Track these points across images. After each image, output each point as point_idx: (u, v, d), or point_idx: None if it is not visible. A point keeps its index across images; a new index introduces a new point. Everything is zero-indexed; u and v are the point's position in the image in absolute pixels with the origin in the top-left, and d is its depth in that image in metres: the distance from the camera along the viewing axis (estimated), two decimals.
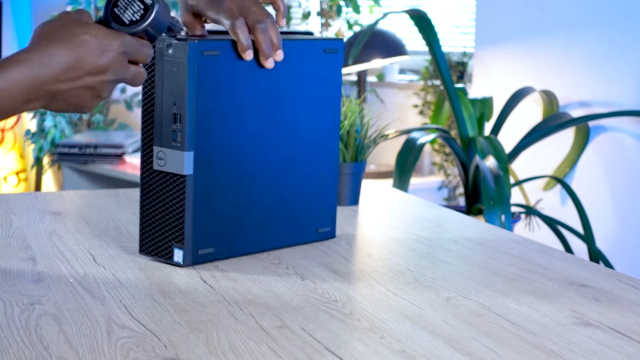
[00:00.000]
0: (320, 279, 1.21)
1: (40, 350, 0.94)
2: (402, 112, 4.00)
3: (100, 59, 0.97)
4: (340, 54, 1.38)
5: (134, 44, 1.00)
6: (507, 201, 2.57)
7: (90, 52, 0.96)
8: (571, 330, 1.02)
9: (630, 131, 3.07)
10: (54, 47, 0.95)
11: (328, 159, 1.39)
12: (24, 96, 0.94)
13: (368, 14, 4.23)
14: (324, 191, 1.40)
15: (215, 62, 1.24)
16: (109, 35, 0.98)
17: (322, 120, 1.38)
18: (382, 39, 3.59)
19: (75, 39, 0.96)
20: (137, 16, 1.01)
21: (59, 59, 0.95)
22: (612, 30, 3.08)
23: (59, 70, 0.95)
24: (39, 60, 0.94)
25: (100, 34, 0.98)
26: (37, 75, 0.94)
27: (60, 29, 0.97)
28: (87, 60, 0.96)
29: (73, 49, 0.96)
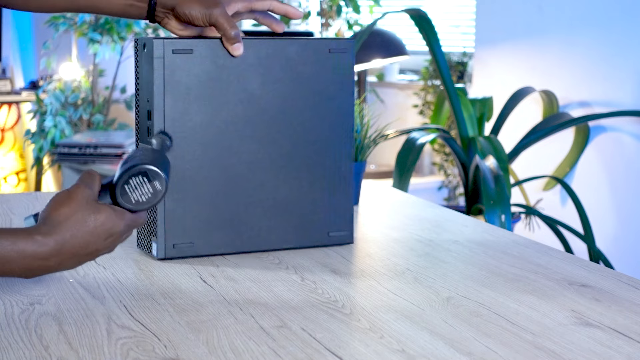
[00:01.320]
0: (320, 279, 1.21)
1: (40, 350, 0.94)
2: (402, 112, 4.00)
3: (104, 243, 1.04)
4: (350, 54, 1.35)
5: (134, 222, 1.06)
6: (507, 201, 2.57)
7: (98, 239, 1.03)
8: (571, 330, 1.02)
9: (630, 131, 3.06)
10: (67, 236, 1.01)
11: (339, 161, 1.36)
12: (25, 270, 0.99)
13: (368, 13, 4.23)
14: (336, 194, 1.36)
15: (188, 60, 1.26)
16: (115, 221, 1.04)
17: (330, 121, 1.34)
18: (382, 39, 3.59)
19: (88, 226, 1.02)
20: (143, 198, 1.06)
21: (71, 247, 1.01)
22: (612, 30, 3.08)
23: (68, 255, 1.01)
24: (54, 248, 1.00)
25: (109, 220, 1.04)
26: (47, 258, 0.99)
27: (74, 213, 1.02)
28: (94, 246, 1.03)
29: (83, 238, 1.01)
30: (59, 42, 4.40)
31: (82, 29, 4.30)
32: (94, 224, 1.02)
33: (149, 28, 4.37)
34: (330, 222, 1.37)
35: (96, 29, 4.24)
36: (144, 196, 1.06)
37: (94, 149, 3.95)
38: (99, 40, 4.24)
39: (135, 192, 1.06)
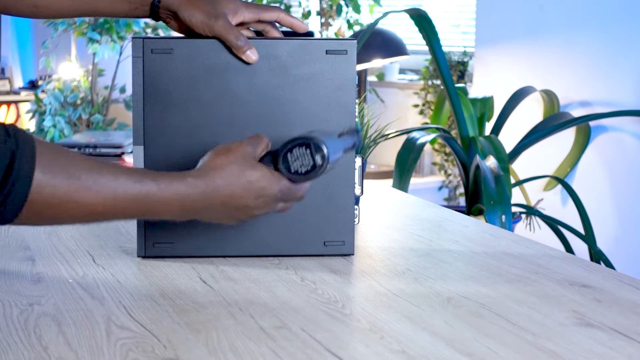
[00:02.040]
0: (320, 279, 1.21)
1: (39, 350, 0.94)
2: (402, 112, 4.00)
3: (253, 201, 1.06)
4: (351, 56, 1.28)
5: (289, 191, 1.08)
6: (508, 201, 2.57)
7: (247, 195, 1.06)
8: (572, 330, 1.02)
9: (631, 131, 3.06)
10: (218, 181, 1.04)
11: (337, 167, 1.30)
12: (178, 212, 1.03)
13: (368, 13, 4.23)
14: (333, 201, 1.30)
15: (168, 60, 1.25)
16: (271, 183, 1.07)
17: (328, 125, 1.28)
18: (383, 39, 3.59)
19: (239, 179, 1.05)
20: (303, 169, 1.07)
21: (219, 193, 1.04)
22: (613, 29, 3.08)
23: (215, 201, 1.04)
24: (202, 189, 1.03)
25: (264, 181, 1.06)
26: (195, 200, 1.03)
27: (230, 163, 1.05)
28: (242, 200, 1.06)
29: (233, 189, 1.04)
30: (58, 41, 4.40)
31: (82, 29, 4.30)
32: (247, 179, 1.05)
33: (149, 28, 4.37)
34: (327, 231, 1.31)
35: (95, 28, 4.24)
36: (303, 167, 1.07)
37: (93, 149, 3.95)
38: (98, 40, 4.24)
39: (296, 162, 1.07)
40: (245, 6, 1.27)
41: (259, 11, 1.29)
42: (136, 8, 1.29)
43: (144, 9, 1.29)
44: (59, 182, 0.94)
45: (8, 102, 5.01)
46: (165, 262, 1.28)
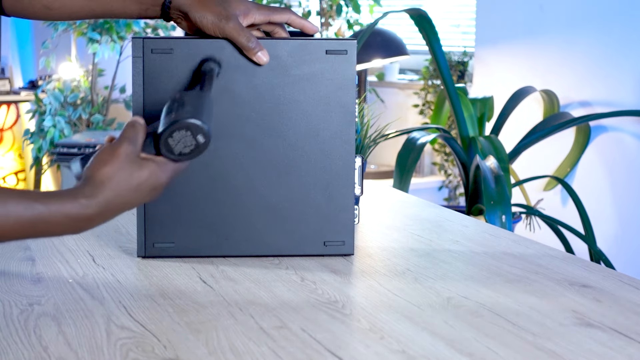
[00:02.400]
0: (320, 279, 1.21)
1: (39, 350, 0.94)
2: (402, 111, 4.00)
3: (148, 196, 1.07)
4: (351, 56, 1.27)
5: (176, 172, 1.09)
6: (508, 201, 2.56)
7: (142, 193, 1.06)
8: (572, 330, 1.02)
9: (631, 131, 3.06)
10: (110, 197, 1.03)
11: (337, 167, 1.29)
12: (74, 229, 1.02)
13: (368, 13, 4.23)
14: (333, 201, 1.30)
15: (168, 60, 1.25)
16: (159, 174, 1.07)
17: (328, 126, 1.28)
18: (382, 39, 3.59)
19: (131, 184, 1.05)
20: (187, 150, 1.08)
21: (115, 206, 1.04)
22: (613, 29, 3.08)
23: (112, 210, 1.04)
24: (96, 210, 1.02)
25: (153, 175, 1.07)
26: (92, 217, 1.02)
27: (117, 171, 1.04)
28: (138, 199, 1.06)
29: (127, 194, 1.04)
30: (58, 41, 4.40)
31: (81, 29, 4.29)
32: (137, 181, 1.05)
33: (149, 28, 4.37)
34: (327, 231, 1.30)
35: (95, 28, 4.24)
36: (187, 148, 1.08)
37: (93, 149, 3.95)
38: (98, 40, 4.24)
39: (178, 145, 1.08)
40: (257, 8, 1.27)
41: (270, 13, 1.28)
42: (147, 9, 1.29)
43: (155, 10, 1.29)
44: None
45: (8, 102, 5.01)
46: (165, 262, 1.28)
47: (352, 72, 1.28)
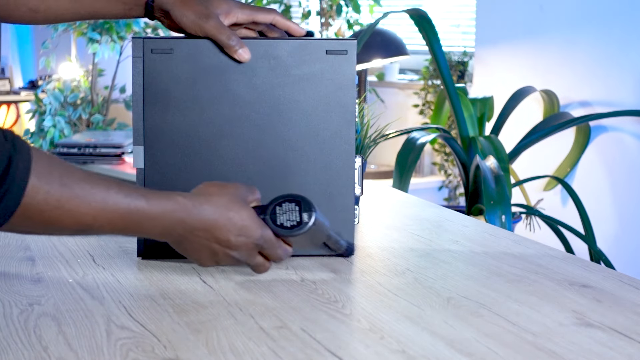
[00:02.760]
0: (320, 279, 1.21)
1: (39, 351, 0.94)
2: (402, 111, 4.00)
3: (235, 238, 1.07)
4: (351, 56, 1.27)
5: (270, 242, 1.10)
6: (508, 201, 2.56)
7: (230, 228, 1.07)
8: (572, 331, 1.02)
9: (631, 131, 3.06)
10: (206, 206, 1.06)
11: (337, 167, 1.29)
12: (163, 229, 1.05)
13: (368, 13, 4.23)
14: (333, 201, 1.29)
15: (168, 60, 1.26)
16: (255, 225, 1.08)
17: (328, 127, 1.28)
18: (383, 39, 3.59)
19: (228, 212, 1.07)
20: (288, 224, 1.09)
21: (204, 217, 1.05)
22: (613, 29, 3.08)
23: (198, 226, 1.06)
24: (189, 209, 1.05)
25: (249, 220, 1.08)
26: (180, 219, 1.05)
27: (221, 195, 1.08)
28: (224, 232, 1.07)
29: (218, 217, 1.07)
30: (58, 41, 4.40)
31: (81, 29, 4.29)
32: (233, 213, 1.07)
33: (149, 28, 4.37)
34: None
35: (95, 28, 4.24)
36: (289, 222, 1.09)
37: (93, 149, 3.95)
38: (98, 40, 4.24)
39: (283, 215, 1.09)
40: (240, 7, 1.27)
41: (253, 12, 1.28)
42: (131, 8, 1.30)
43: (138, 9, 1.30)
44: (52, 189, 0.94)
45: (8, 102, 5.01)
46: (165, 262, 1.28)
47: (352, 72, 1.28)
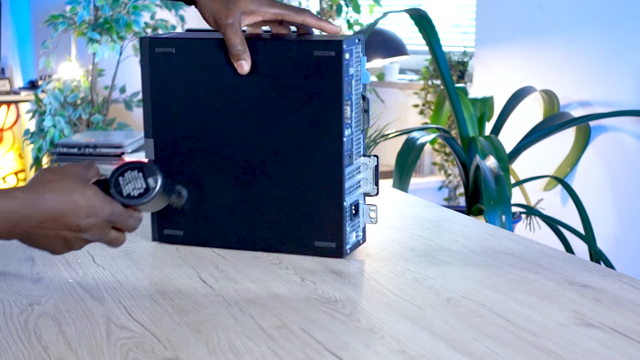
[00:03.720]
0: (320, 279, 1.21)
1: (39, 350, 0.94)
2: (402, 111, 4.00)
3: (84, 220, 1.04)
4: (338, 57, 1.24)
5: (121, 215, 1.07)
6: (508, 201, 2.56)
7: (77, 212, 1.03)
8: (572, 330, 1.02)
9: (631, 131, 3.06)
10: (48, 196, 1.02)
11: (327, 168, 1.28)
12: (9, 228, 1.01)
13: (368, 13, 4.23)
14: (322, 201, 1.29)
15: (169, 58, 1.30)
16: (101, 202, 1.05)
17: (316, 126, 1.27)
18: (382, 39, 3.59)
19: (69, 196, 1.03)
20: (135, 193, 1.07)
21: (48, 207, 1.02)
22: (613, 29, 3.08)
23: (44, 217, 1.02)
24: (30, 203, 1.01)
25: (94, 198, 1.04)
26: (24, 215, 1.01)
27: (60, 180, 1.04)
28: (72, 218, 1.03)
29: (63, 204, 1.02)
30: (58, 41, 4.40)
31: (81, 29, 4.29)
32: (78, 196, 1.03)
33: (149, 28, 4.37)
34: (316, 231, 1.30)
35: (95, 28, 4.24)
36: (136, 190, 1.06)
37: (93, 149, 3.95)
38: (98, 40, 4.24)
39: (128, 186, 1.06)
40: (270, 5, 1.26)
41: (283, 12, 1.27)
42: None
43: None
44: None
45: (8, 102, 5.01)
46: (166, 262, 1.28)
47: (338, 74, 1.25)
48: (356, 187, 1.33)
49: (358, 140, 1.32)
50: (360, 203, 1.34)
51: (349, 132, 1.29)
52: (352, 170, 1.31)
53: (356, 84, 1.29)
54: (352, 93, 1.28)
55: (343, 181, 1.29)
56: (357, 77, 1.30)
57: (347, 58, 1.26)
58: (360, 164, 1.34)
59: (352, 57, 1.28)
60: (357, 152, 1.33)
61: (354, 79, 1.29)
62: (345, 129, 1.27)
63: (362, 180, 1.35)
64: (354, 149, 1.32)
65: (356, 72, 1.29)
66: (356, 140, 1.32)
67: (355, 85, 1.29)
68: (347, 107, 1.27)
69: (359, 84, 1.30)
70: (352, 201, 1.31)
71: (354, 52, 1.28)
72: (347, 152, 1.29)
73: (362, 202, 1.35)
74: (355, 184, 1.33)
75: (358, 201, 1.33)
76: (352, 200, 1.31)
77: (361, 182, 1.35)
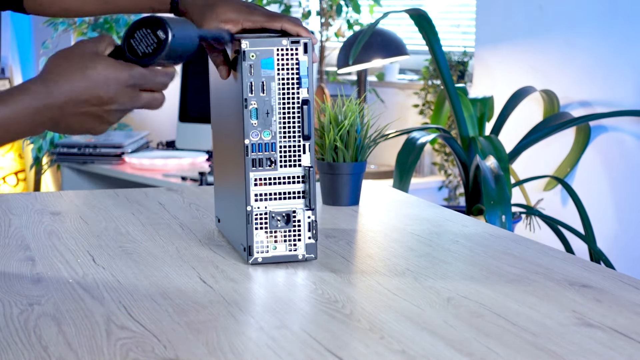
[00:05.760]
0: (320, 279, 1.21)
1: (39, 350, 0.94)
2: (402, 112, 3.99)
3: (104, 91, 1.02)
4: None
5: (144, 76, 1.04)
6: (508, 201, 2.56)
7: (94, 85, 1.02)
8: (572, 330, 1.02)
9: (631, 131, 3.06)
10: (61, 77, 1.01)
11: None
12: (30, 123, 1.01)
13: (368, 13, 4.23)
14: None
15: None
16: (117, 68, 1.03)
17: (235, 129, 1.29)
18: (382, 39, 3.58)
19: (82, 72, 1.01)
20: (149, 49, 1.04)
21: (64, 89, 1.01)
22: (613, 29, 3.08)
23: (62, 100, 1.01)
24: (45, 90, 1.01)
25: (108, 67, 1.02)
26: (42, 104, 1.00)
27: (70, 59, 1.02)
28: (90, 92, 1.01)
29: (78, 81, 1.01)
30: (58, 41, 4.40)
31: (81, 29, 4.29)
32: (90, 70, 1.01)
33: None
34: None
35: (95, 28, 4.24)
36: (149, 47, 1.04)
37: (93, 149, 3.95)
38: None
39: (140, 45, 1.04)
40: (250, 14, 1.26)
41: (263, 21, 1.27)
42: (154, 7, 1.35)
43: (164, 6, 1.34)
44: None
45: None
46: (165, 262, 1.28)
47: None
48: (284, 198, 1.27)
49: (292, 147, 1.26)
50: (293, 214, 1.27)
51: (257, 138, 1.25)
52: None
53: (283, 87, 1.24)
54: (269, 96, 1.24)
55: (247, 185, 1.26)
56: (287, 81, 1.25)
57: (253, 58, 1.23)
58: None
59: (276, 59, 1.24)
60: (287, 159, 1.26)
61: (276, 82, 1.24)
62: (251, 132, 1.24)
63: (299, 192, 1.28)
64: (282, 156, 1.26)
65: (284, 75, 1.25)
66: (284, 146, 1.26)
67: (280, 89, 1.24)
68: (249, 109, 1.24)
69: (294, 88, 1.25)
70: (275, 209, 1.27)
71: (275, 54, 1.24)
72: (253, 155, 1.24)
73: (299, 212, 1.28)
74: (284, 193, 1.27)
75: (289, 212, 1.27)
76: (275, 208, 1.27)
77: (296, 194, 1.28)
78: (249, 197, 1.25)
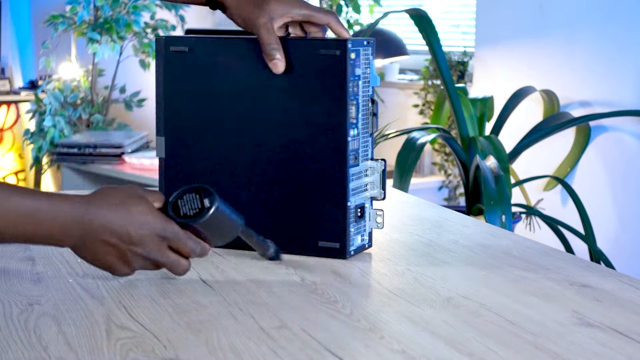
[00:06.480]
0: (320, 279, 1.21)
1: (39, 350, 0.94)
2: (402, 112, 4.00)
3: (136, 231, 1.06)
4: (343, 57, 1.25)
5: (177, 234, 1.09)
6: (508, 201, 2.56)
7: (130, 222, 1.06)
8: (572, 330, 1.02)
9: (631, 131, 3.06)
10: (104, 204, 1.06)
11: (331, 167, 1.28)
12: (60, 228, 1.05)
13: (368, 13, 4.23)
14: (325, 202, 1.28)
15: (184, 57, 1.32)
16: (156, 217, 1.08)
17: (319, 127, 1.28)
18: (383, 39, 3.59)
19: (125, 207, 1.06)
20: (191, 212, 1.09)
21: (102, 213, 1.06)
22: (613, 29, 3.08)
23: (98, 223, 1.06)
24: (86, 207, 1.06)
25: (149, 213, 1.07)
26: (79, 217, 1.05)
27: (119, 191, 1.08)
28: (124, 227, 1.06)
29: (117, 212, 1.06)
30: (58, 41, 4.40)
31: (81, 29, 4.30)
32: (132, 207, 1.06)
33: (149, 28, 4.37)
34: (319, 232, 1.30)
35: (95, 28, 4.24)
36: (191, 211, 1.08)
37: (93, 149, 3.95)
38: (98, 40, 4.24)
39: (185, 206, 1.09)
40: (299, 6, 1.27)
41: (311, 13, 1.28)
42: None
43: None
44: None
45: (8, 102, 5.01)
46: None
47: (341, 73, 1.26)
48: (362, 190, 1.32)
49: (366, 142, 1.32)
50: (367, 206, 1.33)
51: (355, 133, 1.29)
52: (359, 172, 1.31)
53: (364, 85, 1.29)
54: (358, 94, 1.28)
55: (347, 181, 1.28)
56: (366, 79, 1.30)
57: (353, 58, 1.26)
58: (368, 167, 1.32)
59: (359, 57, 1.28)
60: (364, 154, 1.32)
61: (361, 80, 1.29)
62: (350, 129, 1.27)
63: (369, 184, 1.33)
64: (361, 151, 1.31)
65: (364, 73, 1.29)
66: (363, 142, 1.31)
67: (362, 87, 1.29)
68: (352, 106, 1.27)
69: (368, 86, 1.30)
70: (357, 203, 1.31)
71: (361, 53, 1.28)
72: (352, 152, 1.28)
73: (368, 205, 1.33)
74: (362, 187, 1.32)
75: (364, 204, 1.32)
76: (357, 202, 1.31)
77: (368, 185, 1.33)
78: (348, 194, 1.28)
